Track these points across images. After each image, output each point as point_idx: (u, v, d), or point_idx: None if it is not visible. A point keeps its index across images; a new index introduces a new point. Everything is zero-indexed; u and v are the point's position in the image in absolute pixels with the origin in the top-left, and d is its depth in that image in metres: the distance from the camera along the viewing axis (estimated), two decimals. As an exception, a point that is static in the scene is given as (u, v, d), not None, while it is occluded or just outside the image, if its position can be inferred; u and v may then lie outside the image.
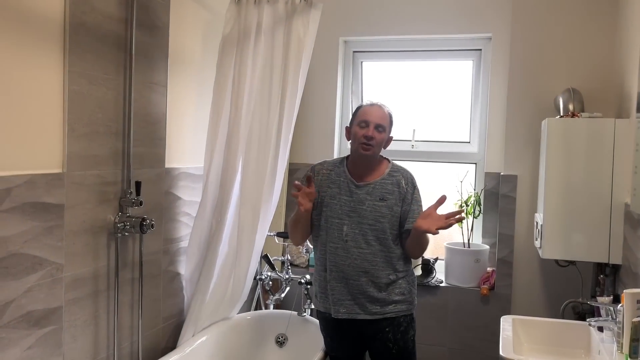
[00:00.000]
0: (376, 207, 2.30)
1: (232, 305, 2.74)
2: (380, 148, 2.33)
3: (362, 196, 2.31)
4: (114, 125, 2.14)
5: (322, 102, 3.53)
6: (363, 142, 2.27)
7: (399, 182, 2.34)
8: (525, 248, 3.06)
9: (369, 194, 2.31)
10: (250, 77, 2.57)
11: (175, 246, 2.60)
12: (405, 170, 2.40)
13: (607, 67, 2.89)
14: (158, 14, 2.37)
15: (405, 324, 2.35)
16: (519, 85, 3.05)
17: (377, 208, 2.30)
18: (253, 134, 2.62)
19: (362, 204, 2.30)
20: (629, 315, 1.92)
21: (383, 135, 2.31)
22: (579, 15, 2.94)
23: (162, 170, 2.46)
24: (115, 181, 2.17)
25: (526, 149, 3.05)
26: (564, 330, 2.37)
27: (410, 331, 2.37)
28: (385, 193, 2.32)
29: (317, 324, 2.74)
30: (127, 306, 2.29)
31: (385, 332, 2.32)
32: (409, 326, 2.36)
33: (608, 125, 2.54)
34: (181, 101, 2.58)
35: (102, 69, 2.06)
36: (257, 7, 2.56)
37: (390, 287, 2.32)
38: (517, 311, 3.00)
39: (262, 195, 2.61)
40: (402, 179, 2.35)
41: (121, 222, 2.17)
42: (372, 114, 2.31)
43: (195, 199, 2.68)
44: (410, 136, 3.47)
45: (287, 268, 3.02)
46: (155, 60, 2.37)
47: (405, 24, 3.37)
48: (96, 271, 2.09)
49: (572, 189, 2.58)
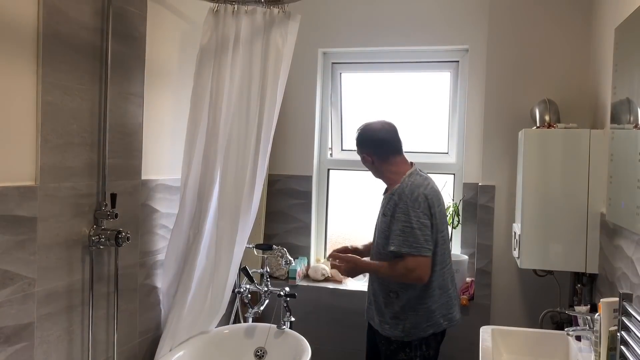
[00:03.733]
0: (382, 222, 2.39)
1: (210, 318, 2.70)
2: (376, 169, 2.46)
3: (380, 211, 2.46)
4: (88, 137, 2.11)
5: (301, 113, 3.53)
6: None
7: (394, 200, 2.32)
8: (503, 258, 3.08)
9: (382, 209, 2.43)
10: (229, 87, 2.55)
11: (152, 259, 2.56)
12: (405, 184, 2.32)
13: (581, 78, 2.94)
14: (134, 24, 2.34)
15: (396, 345, 2.35)
16: (495, 96, 3.08)
17: (381, 224, 2.39)
18: (231, 145, 2.60)
19: (378, 219, 2.45)
20: (605, 324, 1.93)
21: (365, 161, 2.47)
22: (553, 28, 2.99)
23: (139, 182, 2.42)
24: (90, 193, 2.12)
25: (503, 160, 3.07)
26: (543, 340, 2.38)
27: (399, 354, 2.34)
28: (387, 209, 2.35)
29: (296, 337, 2.71)
30: (103, 321, 2.24)
31: (381, 345, 2.43)
32: (399, 349, 2.34)
33: (583, 135, 2.57)
34: (158, 112, 2.55)
35: (77, 79, 2.03)
36: (235, 17, 2.54)
37: (389, 306, 2.36)
38: (496, 321, 3.01)
39: (240, 207, 2.59)
40: (396, 195, 2.31)
41: (96, 235, 2.13)
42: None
43: (173, 211, 2.64)
44: (389, 147, 3.47)
45: (266, 280, 2.99)
46: (132, 71, 2.34)
47: (384, 36, 3.39)
48: (70, 285, 2.04)
49: (549, 199, 2.60)
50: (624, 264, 2.12)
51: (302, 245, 3.57)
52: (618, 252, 2.21)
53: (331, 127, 3.67)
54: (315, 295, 3.37)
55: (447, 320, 2.36)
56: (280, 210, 3.59)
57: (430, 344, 2.36)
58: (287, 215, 3.58)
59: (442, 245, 2.34)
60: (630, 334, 1.63)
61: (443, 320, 2.35)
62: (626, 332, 1.66)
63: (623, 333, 1.67)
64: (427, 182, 2.37)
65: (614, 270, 2.27)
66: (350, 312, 3.32)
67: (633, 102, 2.02)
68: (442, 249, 2.34)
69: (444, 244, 2.35)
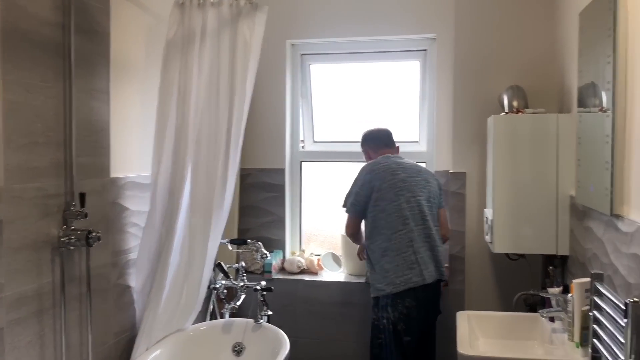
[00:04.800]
0: None
1: (186, 316, 2.67)
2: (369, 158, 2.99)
3: None
4: (54, 135, 2.05)
5: (272, 106, 3.51)
6: None
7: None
8: (476, 243, 3.11)
9: None
10: (197, 81, 2.51)
11: (124, 258, 2.51)
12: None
13: (547, 63, 2.98)
14: (97, 19, 2.28)
15: (371, 303, 2.78)
16: (464, 83, 3.11)
17: None
18: (202, 140, 2.56)
19: None
20: (578, 305, 1.98)
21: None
22: (519, 14, 3.02)
23: (107, 180, 2.37)
24: (58, 193, 2.07)
25: (474, 146, 3.11)
26: (517, 323, 2.42)
27: (372, 311, 2.78)
28: None
29: (274, 330, 2.71)
30: (76, 323, 2.19)
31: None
32: (372, 307, 2.78)
33: (551, 120, 2.61)
34: (125, 108, 2.50)
35: (40, 76, 1.97)
36: (201, 10, 2.51)
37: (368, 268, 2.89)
38: (471, 306, 3.05)
39: (213, 202, 2.56)
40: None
41: (66, 236, 2.07)
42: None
43: (144, 208, 2.60)
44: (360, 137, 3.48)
45: (241, 275, 2.97)
46: (96, 67, 2.29)
47: (351, 26, 3.38)
48: (40, 288, 1.99)
49: (519, 184, 2.64)
50: (594, 245, 2.17)
51: (276, 239, 3.55)
52: (588, 234, 2.25)
53: (302, 119, 3.66)
54: (292, 288, 3.37)
55: (403, 281, 2.62)
56: (253, 204, 3.57)
57: (397, 306, 2.63)
58: (261, 209, 3.56)
59: (393, 212, 2.69)
60: (602, 312, 1.66)
61: (399, 280, 2.62)
62: (598, 311, 1.69)
63: (595, 312, 1.71)
64: (384, 161, 2.81)
65: (584, 252, 2.31)
66: (326, 303, 3.33)
67: (598, 86, 2.06)
68: (394, 216, 2.69)
69: (397, 212, 2.69)
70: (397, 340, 2.63)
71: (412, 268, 2.63)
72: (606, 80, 1.93)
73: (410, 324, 2.63)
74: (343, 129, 3.67)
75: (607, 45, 1.91)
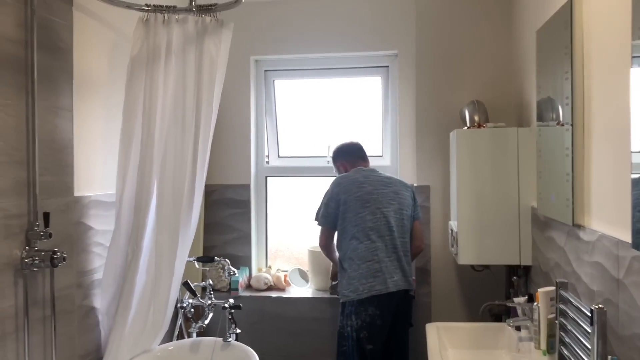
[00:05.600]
0: None
1: (152, 336, 2.61)
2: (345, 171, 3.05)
3: None
4: (16, 154, 2.00)
5: (236, 122, 3.50)
6: None
7: None
8: (441, 256, 3.17)
9: None
10: (162, 98, 2.49)
11: (89, 279, 2.46)
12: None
13: (507, 79, 3.08)
14: (60, 36, 2.25)
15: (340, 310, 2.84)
16: (426, 99, 3.18)
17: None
18: (168, 157, 2.53)
19: None
20: (544, 313, 2.03)
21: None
22: (478, 32, 3.12)
23: (71, 199, 2.32)
24: (21, 214, 2.01)
25: (437, 160, 3.17)
26: (485, 332, 2.46)
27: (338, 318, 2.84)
28: None
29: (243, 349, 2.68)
30: (40, 347, 2.12)
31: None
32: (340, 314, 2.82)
33: (511, 134, 2.69)
34: (89, 125, 2.45)
35: (1, 94, 1.92)
36: (166, 27, 2.49)
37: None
38: (438, 317, 3.09)
39: (180, 220, 2.53)
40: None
41: (29, 257, 2.01)
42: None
43: (108, 227, 2.55)
44: (325, 152, 3.51)
45: (209, 293, 2.93)
46: (60, 84, 2.24)
47: (315, 43, 3.42)
48: (2, 312, 1.92)
49: (482, 196, 2.70)
50: (556, 255, 2.23)
51: (242, 256, 3.53)
52: (550, 244, 2.32)
53: (267, 134, 3.66)
54: (259, 305, 3.35)
55: (366, 288, 2.70)
56: (218, 221, 3.54)
57: (360, 314, 2.69)
58: (226, 226, 3.53)
59: (359, 224, 2.78)
60: (567, 319, 1.71)
61: (362, 288, 2.70)
62: (564, 319, 1.75)
63: (561, 319, 1.76)
64: (352, 175, 2.91)
65: (547, 261, 2.38)
66: (295, 319, 3.32)
67: (556, 101, 2.14)
68: (359, 228, 2.78)
69: (362, 224, 2.78)
70: (360, 348, 2.69)
71: (375, 276, 2.72)
72: (565, 96, 2.01)
73: (373, 332, 2.68)
74: (308, 144, 3.69)
75: (564, 62, 2.00)
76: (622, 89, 1.56)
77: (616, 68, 1.63)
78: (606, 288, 1.70)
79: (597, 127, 1.80)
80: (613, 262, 1.64)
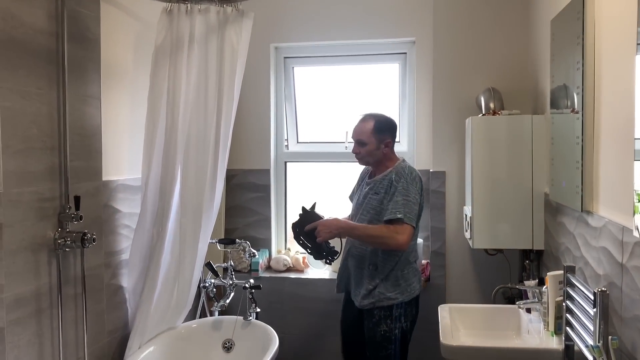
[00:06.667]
0: (371, 200, 2.55)
1: (177, 314, 2.75)
2: (373, 156, 2.57)
3: (367, 191, 2.60)
4: (49, 141, 2.11)
5: (257, 108, 3.59)
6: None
7: (391, 178, 2.50)
8: (456, 240, 3.23)
9: (371, 189, 2.57)
10: (185, 86, 2.58)
11: (117, 259, 2.58)
12: (404, 167, 2.55)
13: (522, 67, 3.11)
14: (89, 26, 2.34)
15: (378, 317, 2.51)
16: (442, 86, 3.22)
17: (371, 201, 2.55)
18: (191, 143, 2.63)
19: (365, 198, 2.59)
20: (552, 296, 2.10)
21: (367, 147, 2.55)
22: (495, 20, 3.15)
23: (100, 183, 2.44)
24: (54, 197, 2.13)
25: (452, 146, 3.22)
26: (496, 314, 2.54)
27: (381, 325, 2.51)
28: (379, 187, 2.53)
29: (263, 327, 2.79)
30: (72, 322, 2.25)
31: (364, 321, 2.58)
32: (380, 320, 2.51)
33: (526, 121, 2.73)
34: (116, 113, 2.56)
35: (34, 83, 2.03)
36: (189, 16, 2.57)
37: (370, 278, 2.54)
38: (452, 300, 3.17)
39: (203, 203, 2.63)
40: (394, 174, 2.51)
41: (61, 238, 2.14)
42: (353, 130, 2.63)
43: (135, 210, 2.66)
44: (344, 138, 3.58)
45: (230, 274, 3.05)
46: (88, 73, 2.35)
47: (334, 30, 3.48)
48: (38, 289, 2.05)
49: (496, 182, 2.76)
50: (566, 239, 2.29)
51: (263, 238, 3.64)
52: (561, 229, 2.38)
53: (286, 120, 3.74)
54: (279, 286, 3.46)
55: (414, 289, 2.57)
56: (239, 204, 3.64)
57: (408, 315, 2.56)
58: (247, 209, 3.64)
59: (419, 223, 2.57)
60: (574, 302, 1.78)
61: (418, 285, 2.60)
62: (570, 301, 1.82)
63: (568, 302, 1.83)
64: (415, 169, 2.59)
65: (558, 246, 2.44)
66: (312, 300, 3.42)
67: (569, 88, 2.18)
68: (419, 227, 2.59)
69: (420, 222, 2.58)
70: (404, 349, 2.60)
71: (417, 275, 2.63)
72: (576, 85, 2.05)
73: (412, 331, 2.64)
74: (326, 130, 3.76)
75: (576, 52, 2.04)
76: (628, 76, 1.61)
77: (623, 56, 1.68)
78: (611, 272, 1.76)
79: (605, 116, 1.85)
80: (618, 247, 1.70)
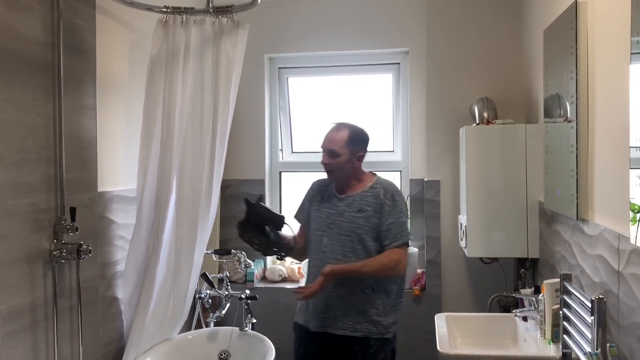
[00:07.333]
0: (354, 218, 2.31)
1: (173, 325, 2.73)
2: (344, 168, 2.34)
3: (342, 208, 2.35)
4: (44, 152, 2.10)
5: (251, 118, 3.60)
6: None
7: (378, 194, 2.32)
8: (451, 249, 3.24)
9: (349, 206, 2.34)
10: (181, 97, 2.58)
11: (112, 270, 2.57)
12: (388, 182, 2.39)
13: (515, 76, 3.14)
14: (84, 38, 2.34)
15: (376, 347, 2.29)
16: (436, 95, 3.25)
17: (354, 220, 2.31)
18: (186, 153, 2.63)
19: (341, 216, 2.34)
20: (549, 303, 2.11)
21: (338, 158, 2.32)
22: (488, 30, 3.18)
23: (95, 194, 2.42)
24: (49, 208, 2.12)
25: (447, 155, 3.24)
26: (493, 323, 2.54)
27: (380, 354, 2.29)
28: (364, 205, 2.32)
29: (259, 338, 2.78)
30: (67, 335, 2.23)
31: (354, 352, 2.28)
32: (379, 350, 2.29)
33: (519, 130, 2.76)
34: (111, 124, 2.56)
35: (30, 94, 2.02)
36: (184, 28, 2.58)
37: (365, 304, 2.29)
38: (448, 308, 3.17)
39: (198, 214, 2.63)
40: (381, 190, 2.33)
41: (57, 249, 2.12)
42: (324, 139, 2.39)
43: (130, 221, 2.65)
44: (338, 148, 3.58)
45: (226, 285, 3.04)
46: (84, 84, 2.35)
47: (327, 40, 3.50)
48: (33, 301, 2.04)
49: (491, 191, 2.78)
50: (562, 248, 2.31)
51: (257, 248, 3.62)
52: (556, 237, 2.40)
53: (280, 131, 3.75)
54: (274, 296, 3.44)
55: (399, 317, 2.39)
56: (234, 215, 3.63)
57: (396, 337, 2.39)
58: (241, 219, 3.62)
59: None
60: (571, 310, 1.79)
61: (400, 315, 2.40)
62: (567, 309, 1.82)
63: (565, 310, 1.84)
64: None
65: (553, 254, 2.46)
66: (308, 310, 3.41)
67: (563, 98, 2.20)
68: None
69: None
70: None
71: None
72: (570, 94, 2.07)
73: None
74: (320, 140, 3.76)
75: (570, 62, 2.06)
76: (622, 85, 1.63)
77: (617, 65, 1.70)
78: (608, 279, 1.77)
79: (600, 124, 1.87)
80: (614, 254, 1.71)
